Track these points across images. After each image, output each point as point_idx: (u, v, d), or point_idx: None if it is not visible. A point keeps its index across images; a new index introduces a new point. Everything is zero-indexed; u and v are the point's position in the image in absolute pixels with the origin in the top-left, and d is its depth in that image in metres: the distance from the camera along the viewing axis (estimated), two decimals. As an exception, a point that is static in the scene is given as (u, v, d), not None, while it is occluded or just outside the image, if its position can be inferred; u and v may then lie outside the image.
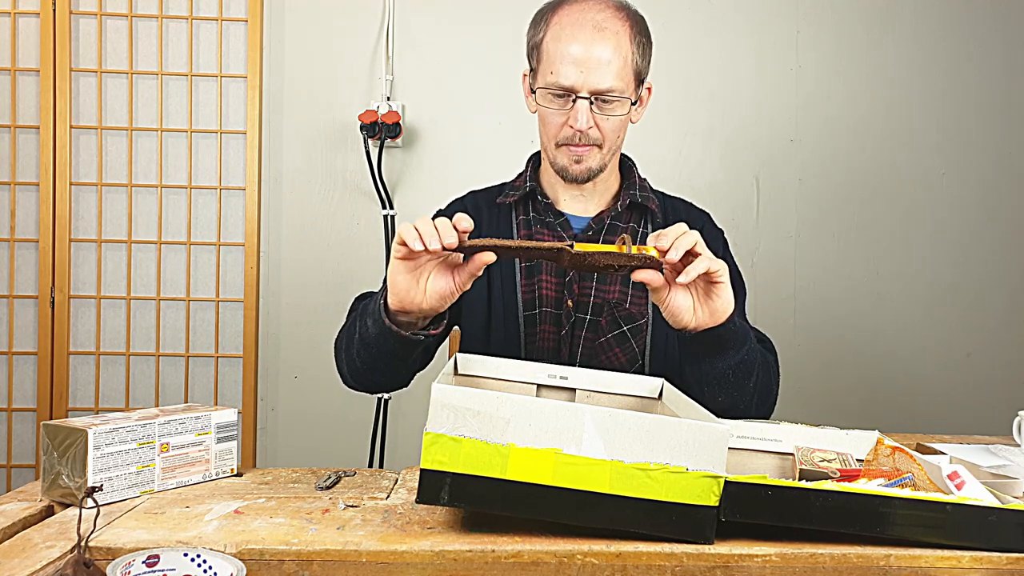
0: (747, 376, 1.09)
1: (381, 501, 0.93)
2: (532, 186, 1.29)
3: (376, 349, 1.07)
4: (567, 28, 1.15)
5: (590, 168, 1.21)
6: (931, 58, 2.35)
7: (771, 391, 1.18)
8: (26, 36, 2.19)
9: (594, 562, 0.78)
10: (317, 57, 2.26)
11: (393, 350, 1.06)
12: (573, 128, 1.16)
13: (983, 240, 2.38)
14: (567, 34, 1.15)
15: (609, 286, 1.24)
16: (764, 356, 1.16)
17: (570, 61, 1.14)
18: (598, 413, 0.78)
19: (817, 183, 2.35)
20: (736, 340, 1.06)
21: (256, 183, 2.23)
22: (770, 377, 1.17)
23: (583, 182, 1.24)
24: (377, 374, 1.14)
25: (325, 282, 2.27)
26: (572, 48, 1.14)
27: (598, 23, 1.15)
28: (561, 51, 1.15)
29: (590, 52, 1.13)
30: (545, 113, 1.19)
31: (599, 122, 1.17)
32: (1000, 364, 2.38)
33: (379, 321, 1.03)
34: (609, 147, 1.21)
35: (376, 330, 1.04)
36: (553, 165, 1.24)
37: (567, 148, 1.20)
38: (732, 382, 1.09)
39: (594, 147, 1.19)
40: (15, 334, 2.22)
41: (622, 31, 1.16)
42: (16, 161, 2.20)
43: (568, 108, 1.16)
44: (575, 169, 1.21)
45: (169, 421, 0.98)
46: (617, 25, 1.16)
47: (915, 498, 0.79)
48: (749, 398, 1.12)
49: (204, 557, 0.74)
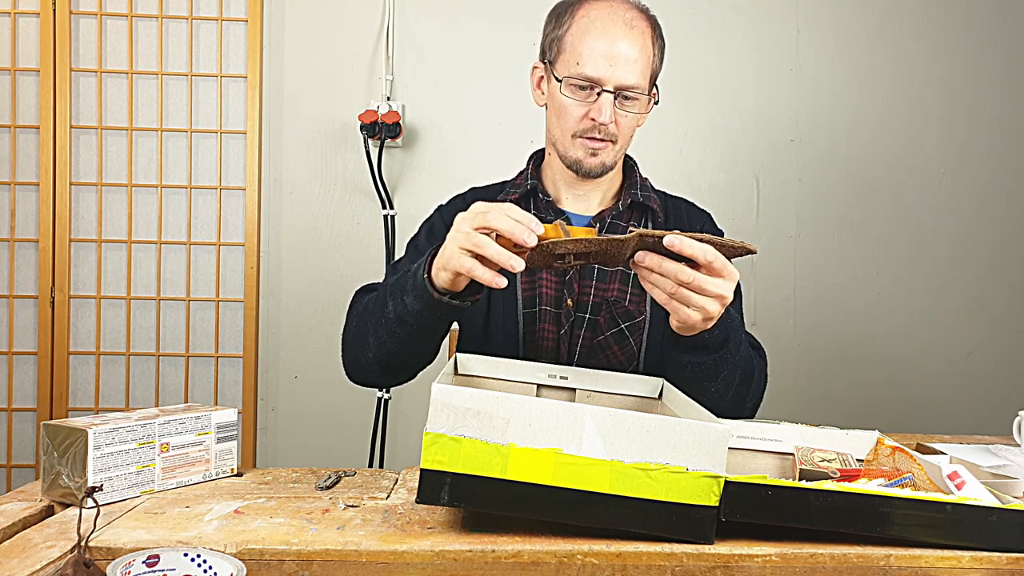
0: (710, 378, 1.09)
1: (381, 501, 0.93)
2: (533, 184, 1.29)
3: (416, 325, 1.06)
4: (597, 22, 1.17)
5: (604, 163, 1.22)
6: (931, 58, 2.35)
7: (744, 400, 1.16)
8: (26, 36, 2.19)
9: (594, 562, 0.78)
10: (317, 57, 2.26)
11: (435, 324, 1.06)
12: (595, 121, 1.17)
13: (983, 240, 2.38)
14: (598, 28, 1.16)
15: (608, 284, 1.24)
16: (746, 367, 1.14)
17: (600, 54, 1.15)
18: (598, 413, 0.78)
19: (817, 183, 2.35)
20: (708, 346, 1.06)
21: (256, 183, 2.23)
22: (745, 389, 1.15)
23: (595, 176, 1.24)
24: (411, 354, 1.13)
25: (325, 282, 2.27)
26: (602, 42, 1.15)
27: (628, 21, 1.17)
28: (590, 44, 1.16)
29: (619, 48, 1.15)
30: (566, 103, 1.19)
31: (618, 118, 1.18)
32: (1000, 364, 2.38)
33: (425, 296, 1.01)
34: (622, 145, 1.22)
35: (420, 305, 1.03)
36: (564, 158, 1.23)
37: (584, 140, 1.20)
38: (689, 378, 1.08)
39: (609, 143, 1.20)
40: (15, 334, 2.22)
41: (647, 31, 1.19)
42: (16, 161, 2.20)
43: (591, 100, 1.17)
44: (590, 162, 1.21)
45: (169, 421, 0.98)
46: (643, 25, 1.18)
47: (915, 498, 0.79)
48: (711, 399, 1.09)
49: (204, 557, 0.74)
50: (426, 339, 1.10)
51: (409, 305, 1.04)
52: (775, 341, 1.22)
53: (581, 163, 1.22)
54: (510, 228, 0.89)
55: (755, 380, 1.18)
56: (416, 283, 1.02)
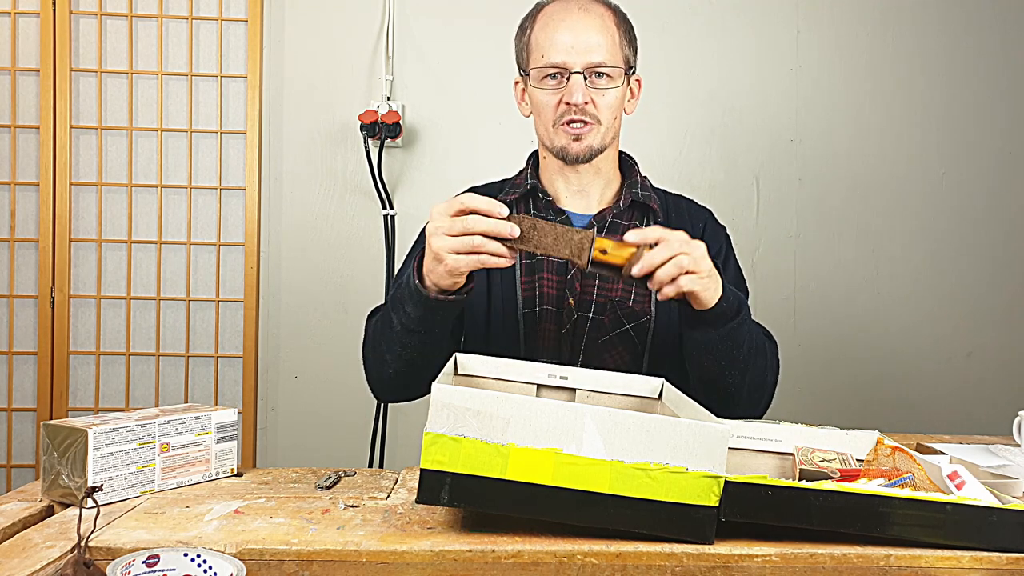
0: (737, 345, 1.11)
1: (381, 501, 0.93)
2: (533, 184, 1.29)
3: (423, 331, 1.10)
4: (554, 16, 1.22)
5: (591, 147, 1.22)
6: (931, 58, 2.35)
7: (765, 377, 1.18)
8: (26, 36, 2.19)
9: (594, 562, 0.78)
10: (317, 57, 2.26)
11: (440, 324, 1.10)
12: (570, 104, 1.19)
13: (983, 240, 2.38)
14: (555, 20, 1.21)
15: (612, 284, 1.24)
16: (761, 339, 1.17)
17: (560, 41, 1.19)
18: (598, 413, 0.78)
19: (817, 183, 2.35)
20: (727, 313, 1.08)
21: (256, 183, 2.23)
22: (766, 359, 1.18)
23: (585, 161, 1.23)
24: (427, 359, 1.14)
25: (325, 282, 2.27)
26: (562, 30, 1.20)
27: (582, 6, 1.22)
28: (550, 36, 1.20)
29: (578, 31, 1.19)
30: (540, 96, 1.22)
31: (594, 98, 1.20)
32: (1000, 364, 2.38)
33: (422, 301, 1.06)
34: (607, 126, 1.22)
35: (420, 310, 1.07)
36: (552, 149, 1.24)
37: (564, 127, 1.21)
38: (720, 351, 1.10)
39: (593, 124, 1.21)
40: (15, 334, 2.22)
41: (606, 15, 1.23)
42: (16, 161, 2.20)
43: (562, 87, 1.20)
44: (575, 148, 1.22)
45: (169, 421, 0.98)
46: (601, 10, 1.23)
47: (915, 498, 0.79)
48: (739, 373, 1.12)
49: (204, 557, 0.74)
50: (437, 342, 1.13)
51: (411, 313, 1.08)
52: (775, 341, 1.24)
53: (567, 150, 1.22)
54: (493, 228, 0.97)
55: (769, 353, 1.20)
56: (411, 291, 1.06)
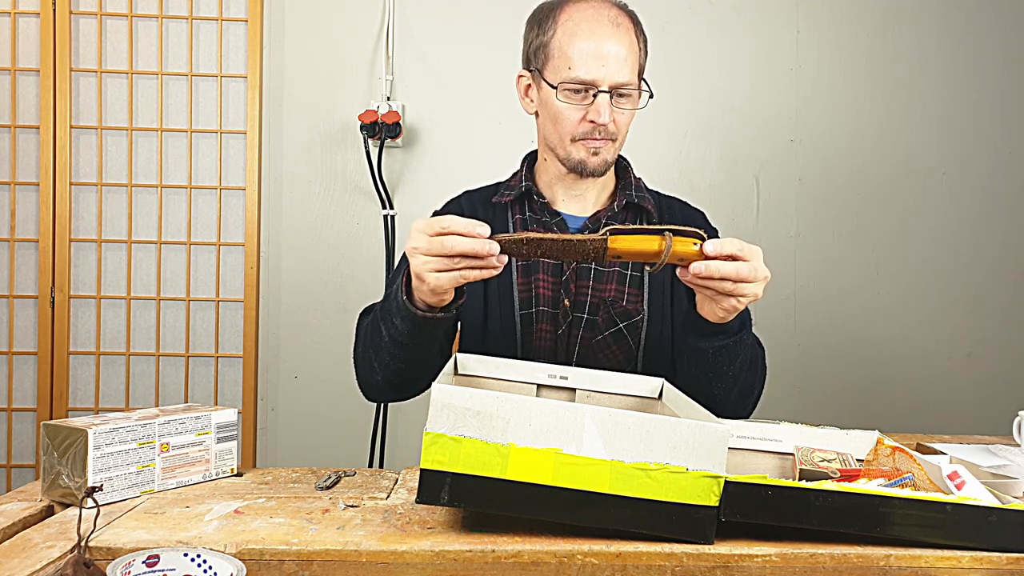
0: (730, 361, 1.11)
1: (381, 501, 0.93)
2: (528, 186, 1.29)
3: (412, 344, 1.09)
4: (583, 24, 1.17)
5: (606, 161, 1.23)
6: (931, 58, 2.35)
7: (752, 388, 1.19)
8: (26, 36, 2.19)
9: (594, 562, 0.78)
10: (317, 57, 2.26)
11: (430, 338, 1.09)
12: (595, 123, 1.18)
13: (983, 240, 2.38)
14: (584, 30, 1.17)
15: (605, 284, 1.24)
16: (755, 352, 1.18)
17: (590, 56, 1.16)
18: (598, 413, 0.78)
19: (817, 183, 2.35)
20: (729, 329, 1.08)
21: (256, 183, 2.23)
22: (756, 373, 1.18)
23: (600, 175, 1.24)
24: (416, 369, 1.15)
25: (325, 282, 2.27)
26: (591, 43, 1.16)
27: (612, 19, 1.18)
28: (579, 47, 1.16)
29: (609, 47, 1.16)
30: (562, 108, 1.19)
31: (616, 116, 1.19)
32: (1000, 364, 2.38)
33: (410, 317, 1.04)
34: (621, 141, 1.23)
35: (409, 325, 1.06)
36: (566, 161, 1.23)
37: (585, 142, 1.20)
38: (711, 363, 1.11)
39: (609, 140, 1.21)
40: (15, 334, 2.22)
41: (631, 28, 1.20)
42: (16, 161, 2.20)
43: (587, 103, 1.18)
44: (593, 162, 1.22)
45: (169, 421, 0.98)
46: (627, 22, 1.20)
47: (915, 498, 0.79)
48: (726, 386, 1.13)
49: (204, 557, 0.74)
50: (427, 352, 1.12)
51: (399, 327, 1.07)
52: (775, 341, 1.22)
53: (585, 164, 1.22)
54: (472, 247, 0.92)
55: (760, 365, 1.20)
56: (399, 306, 1.05)
